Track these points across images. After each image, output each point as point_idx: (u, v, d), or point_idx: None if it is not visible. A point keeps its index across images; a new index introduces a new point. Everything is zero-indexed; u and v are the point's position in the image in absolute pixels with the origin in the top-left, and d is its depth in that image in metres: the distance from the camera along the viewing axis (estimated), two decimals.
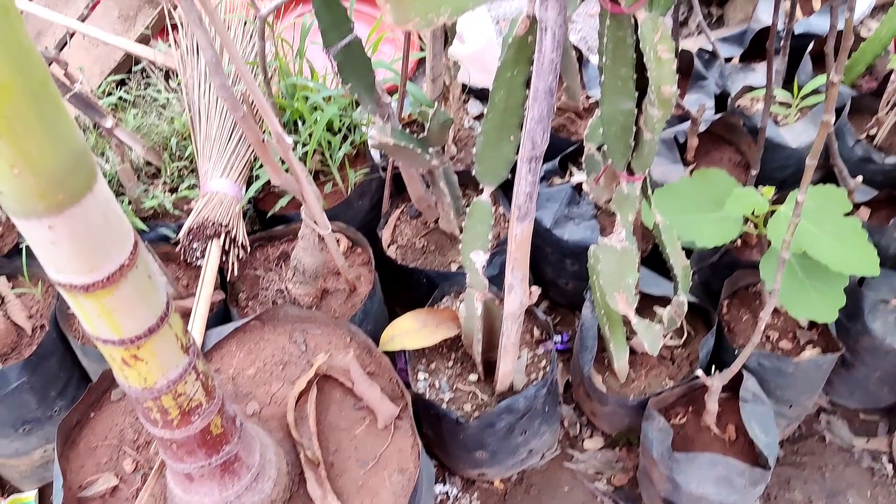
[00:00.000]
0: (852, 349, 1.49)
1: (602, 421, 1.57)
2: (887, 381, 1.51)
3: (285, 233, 1.62)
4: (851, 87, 1.85)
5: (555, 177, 1.76)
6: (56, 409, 1.45)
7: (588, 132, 1.32)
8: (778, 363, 1.37)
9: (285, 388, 1.24)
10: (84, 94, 1.42)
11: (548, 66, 0.82)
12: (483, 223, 1.14)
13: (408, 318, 1.41)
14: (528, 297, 1.16)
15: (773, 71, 1.39)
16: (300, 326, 1.34)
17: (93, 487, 1.11)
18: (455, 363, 1.43)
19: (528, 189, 0.98)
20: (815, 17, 2.10)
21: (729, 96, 1.84)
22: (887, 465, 1.55)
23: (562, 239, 1.63)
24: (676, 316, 1.29)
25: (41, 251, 0.63)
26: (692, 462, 1.28)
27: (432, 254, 1.65)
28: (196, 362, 0.83)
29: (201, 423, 0.86)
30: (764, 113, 1.43)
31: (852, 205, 1.41)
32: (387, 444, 1.15)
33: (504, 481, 1.56)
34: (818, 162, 0.97)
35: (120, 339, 0.71)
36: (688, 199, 1.35)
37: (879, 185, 1.60)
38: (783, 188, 1.41)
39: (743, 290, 1.54)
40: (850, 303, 1.28)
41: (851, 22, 0.96)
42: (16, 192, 0.56)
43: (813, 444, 1.59)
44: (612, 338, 1.38)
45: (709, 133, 1.78)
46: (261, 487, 1.01)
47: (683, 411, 1.41)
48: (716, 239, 1.30)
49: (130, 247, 0.67)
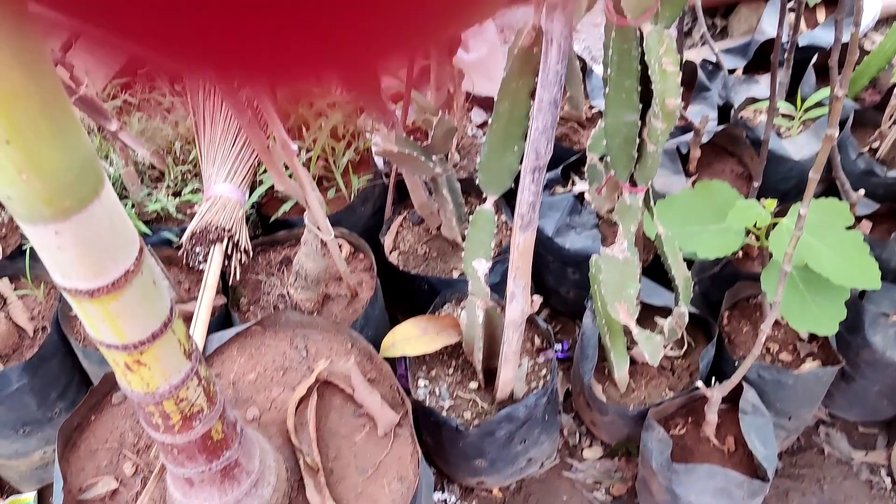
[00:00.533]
0: (852, 362, 1.49)
1: (601, 430, 1.57)
2: (887, 394, 1.52)
3: (288, 238, 1.63)
4: (855, 100, 1.85)
5: (557, 186, 1.76)
6: (56, 412, 1.45)
7: (591, 142, 1.33)
8: (778, 375, 1.37)
9: (286, 393, 1.24)
10: (89, 97, 1.42)
11: (553, 78, 0.83)
12: (486, 231, 1.14)
13: (409, 324, 1.41)
14: (530, 306, 1.17)
15: (776, 83, 1.39)
16: (301, 332, 1.34)
17: (93, 490, 1.11)
18: (455, 370, 1.43)
19: (531, 199, 0.98)
20: (819, 29, 2.11)
21: (732, 108, 1.84)
22: (885, 478, 1.55)
23: (563, 248, 1.63)
24: (677, 327, 1.29)
25: (47, 256, 0.63)
26: (691, 473, 1.28)
27: (434, 260, 1.65)
28: (198, 368, 0.83)
29: (202, 428, 0.86)
30: (767, 125, 1.43)
31: (854, 218, 1.41)
32: (386, 451, 1.15)
33: (503, 490, 1.55)
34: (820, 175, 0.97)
35: (123, 345, 0.71)
36: (690, 211, 1.35)
37: (881, 199, 1.61)
38: (785, 200, 1.41)
39: (744, 301, 1.55)
40: (850, 316, 1.28)
41: (857, 36, 0.97)
42: (23, 198, 0.56)
43: (812, 456, 1.59)
44: (613, 347, 1.38)
45: (711, 144, 1.78)
46: (260, 493, 1.01)
47: (683, 422, 1.41)
48: (717, 251, 1.30)
49: (136, 253, 0.67)
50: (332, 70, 0.32)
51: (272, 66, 0.31)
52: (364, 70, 0.35)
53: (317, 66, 0.31)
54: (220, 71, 0.33)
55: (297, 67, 0.31)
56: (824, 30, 2.08)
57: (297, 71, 0.32)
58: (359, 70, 0.35)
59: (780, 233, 1.23)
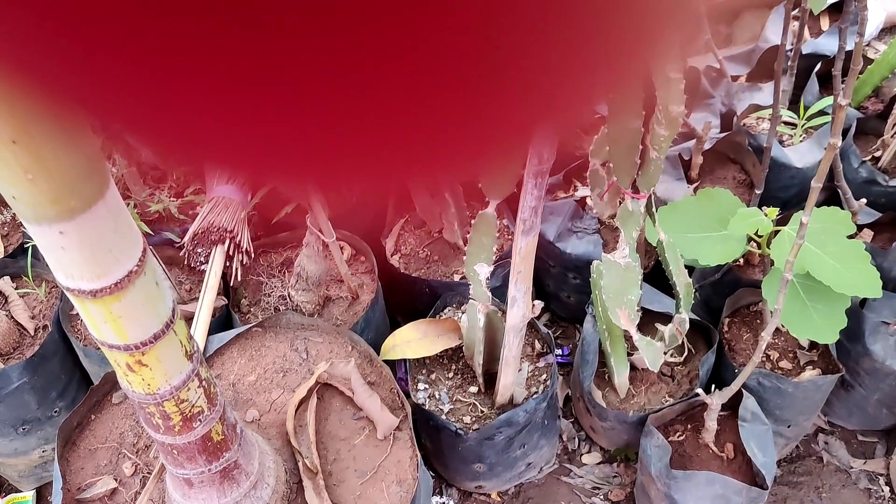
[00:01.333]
0: (852, 370, 1.49)
1: (601, 436, 1.57)
2: (886, 403, 1.51)
3: (289, 239, 1.63)
4: (857, 108, 1.85)
5: (559, 191, 1.76)
6: (56, 410, 1.45)
7: (594, 148, 1.33)
8: (778, 383, 1.37)
9: (285, 395, 1.24)
10: None
11: None
12: (488, 236, 1.14)
13: (409, 327, 1.42)
14: (531, 311, 1.17)
15: (779, 90, 1.40)
16: (302, 334, 1.34)
17: (92, 490, 1.11)
18: (455, 374, 1.43)
19: (533, 203, 0.98)
20: (822, 37, 2.10)
21: (735, 115, 1.85)
22: (884, 487, 1.55)
23: (564, 252, 1.63)
24: (678, 333, 1.29)
25: (51, 256, 0.63)
26: (690, 480, 1.28)
27: (435, 264, 1.65)
28: (199, 369, 0.83)
29: (203, 429, 0.86)
30: (770, 132, 1.44)
31: (856, 227, 1.41)
32: (386, 454, 1.15)
33: (501, 494, 1.55)
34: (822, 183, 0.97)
35: (125, 345, 0.71)
36: (692, 218, 1.35)
37: (883, 208, 1.61)
38: (787, 208, 1.41)
39: (744, 308, 1.55)
40: (851, 324, 1.28)
41: (861, 46, 0.97)
42: (29, 198, 0.56)
43: (810, 464, 1.59)
44: (613, 353, 1.38)
45: (714, 151, 1.78)
46: (259, 495, 1.01)
47: (682, 429, 1.41)
48: (719, 258, 1.30)
49: (139, 253, 0.67)
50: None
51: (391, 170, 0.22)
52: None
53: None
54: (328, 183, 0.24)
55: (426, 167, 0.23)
56: (828, 38, 2.08)
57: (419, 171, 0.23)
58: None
59: (782, 241, 1.24)
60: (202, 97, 0.18)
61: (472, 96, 0.19)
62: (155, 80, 0.18)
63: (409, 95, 0.18)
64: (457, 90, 0.19)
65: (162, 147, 0.22)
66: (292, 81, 0.18)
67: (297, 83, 0.18)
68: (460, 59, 0.18)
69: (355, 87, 0.18)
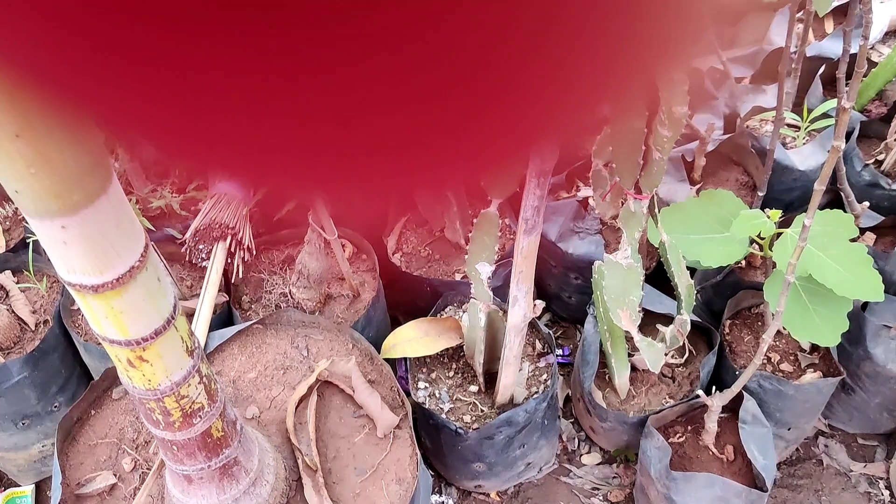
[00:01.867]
0: (853, 374, 1.49)
1: (601, 437, 1.57)
2: (887, 406, 1.51)
3: (291, 237, 1.63)
4: (861, 111, 1.85)
5: (561, 191, 1.76)
6: (56, 405, 1.45)
7: (596, 148, 1.33)
8: (778, 385, 1.37)
9: (286, 392, 1.24)
10: None
11: None
12: (490, 235, 1.14)
13: (410, 326, 1.41)
14: (532, 311, 1.17)
15: (783, 93, 1.39)
16: (303, 331, 1.34)
17: (91, 485, 1.11)
18: (456, 373, 1.43)
19: (535, 203, 0.98)
20: (827, 40, 2.10)
21: (738, 117, 1.84)
22: (884, 490, 1.54)
23: (566, 252, 1.63)
24: (679, 334, 1.29)
25: (53, 251, 0.63)
26: (689, 481, 1.28)
27: (437, 262, 1.65)
28: (200, 365, 0.83)
29: (203, 425, 0.86)
30: (773, 135, 1.43)
31: (858, 230, 1.41)
32: (385, 453, 1.15)
33: (500, 494, 1.55)
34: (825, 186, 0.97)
35: (126, 341, 0.71)
36: (694, 219, 1.35)
37: (886, 211, 1.60)
38: (789, 210, 1.41)
39: (746, 310, 1.54)
40: (852, 327, 1.28)
41: (866, 49, 0.96)
42: (32, 192, 0.56)
43: (810, 467, 1.59)
44: (614, 354, 1.38)
45: (717, 153, 1.78)
46: (258, 492, 1.01)
47: (682, 430, 1.41)
48: (721, 259, 1.30)
49: (141, 249, 0.67)
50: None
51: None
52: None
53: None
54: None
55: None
56: (832, 41, 2.08)
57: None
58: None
59: (784, 243, 1.23)
60: (206, 98, 0.18)
61: (480, 99, 0.19)
62: (159, 81, 0.18)
63: (417, 100, 0.18)
64: (465, 94, 0.18)
65: (166, 146, 0.22)
66: (297, 83, 0.18)
67: (303, 86, 0.18)
68: (469, 62, 0.18)
69: (361, 91, 0.18)
